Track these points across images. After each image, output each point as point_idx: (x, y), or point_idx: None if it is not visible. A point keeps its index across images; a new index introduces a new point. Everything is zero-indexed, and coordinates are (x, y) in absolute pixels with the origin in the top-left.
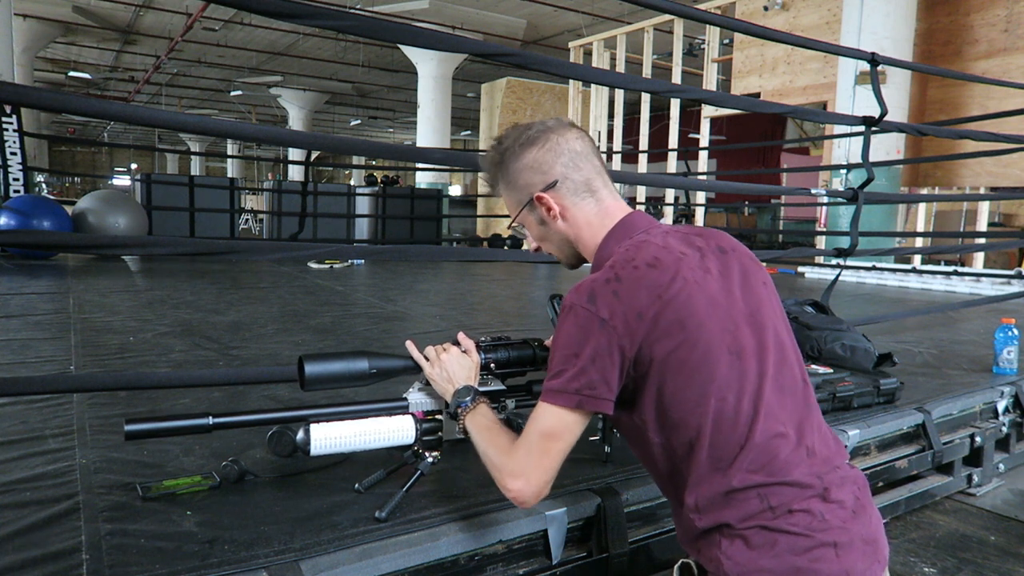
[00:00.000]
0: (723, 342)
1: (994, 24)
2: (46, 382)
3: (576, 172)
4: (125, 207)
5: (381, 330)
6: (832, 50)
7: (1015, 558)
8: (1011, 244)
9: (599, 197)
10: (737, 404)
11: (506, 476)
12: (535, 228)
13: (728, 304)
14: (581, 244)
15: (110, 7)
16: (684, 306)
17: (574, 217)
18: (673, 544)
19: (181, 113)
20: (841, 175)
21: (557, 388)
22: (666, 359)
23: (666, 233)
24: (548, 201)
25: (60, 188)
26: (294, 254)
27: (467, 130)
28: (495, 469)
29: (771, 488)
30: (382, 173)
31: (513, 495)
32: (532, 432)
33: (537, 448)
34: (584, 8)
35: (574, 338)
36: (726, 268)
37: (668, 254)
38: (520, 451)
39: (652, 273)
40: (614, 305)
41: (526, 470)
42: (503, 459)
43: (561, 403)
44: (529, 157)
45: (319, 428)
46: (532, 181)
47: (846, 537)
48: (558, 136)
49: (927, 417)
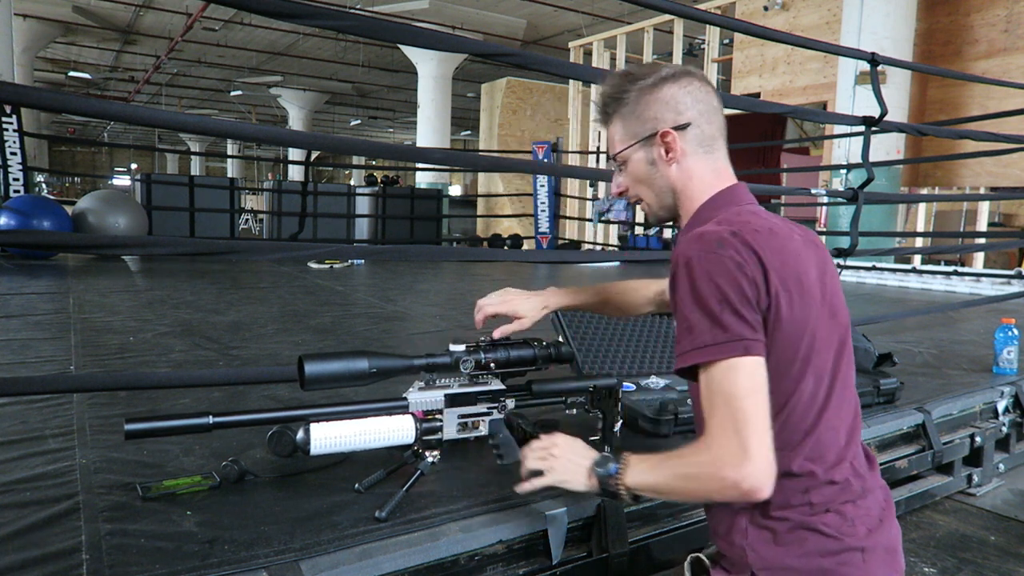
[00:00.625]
0: (822, 327)
1: (994, 24)
2: (46, 382)
3: (708, 124)
4: (125, 207)
5: (381, 330)
6: (832, 50)
7: (1015, 558)
8: (1011, 244)
9: (717, 157)
10: (816, 388)
11: (728, 470)
12: (640, 167)
13: (825, 291)
14: (684, 197)
15: (110, 7)
16: (803, 275)
17: (689, 167)
18: (673, 544)
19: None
20: (841, 175)
21: (715, 341)
22: (783, 323)
23: (768, 213)
24: (672, 140)
25: (60, 188)
26: (294, 254)
27: (467, 130)
28: (707, 476)
29: (818, 482)
30: (382, 173)
31: (751, 485)
32: (718, 404)
33: (736, 417)
34: (584, 8)
35: (711, 284)
36: (822, 261)
37: (780, 228)
38: (720, 435)
39: (772, 239)
40: (744, 252)
41: (746, 446)
42: (707, 456)
43: (726, 354)
44: (667, 92)
45: (319, 428)
46: (663, 116)
47: (871, 544)
48: (700, 83)
49: (927, 417)
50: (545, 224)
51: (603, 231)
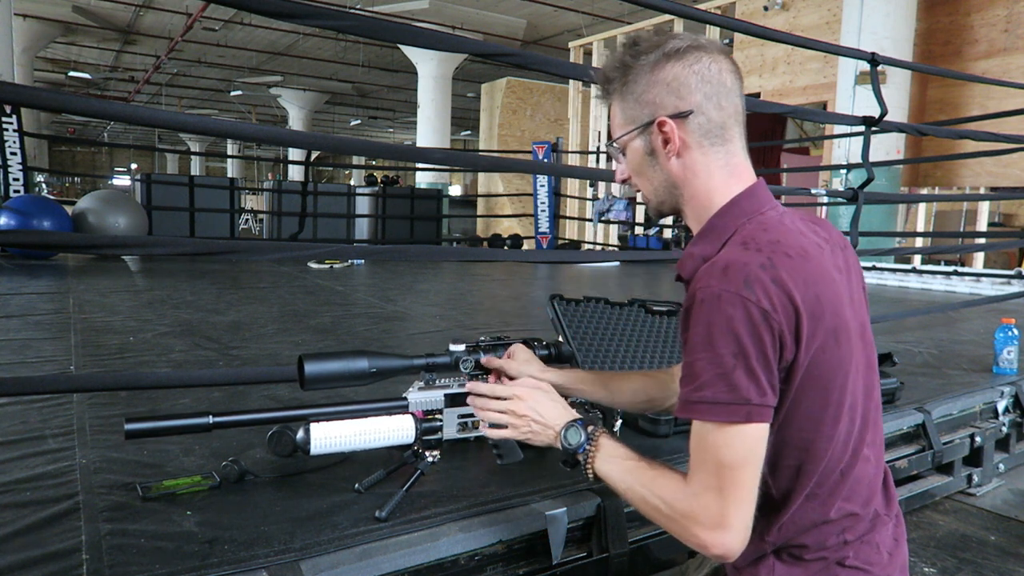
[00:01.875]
0: (854, 355)
1: (994, 24)
2: (46, 382)
3: (716, 110)
4: (125, 207)
5: (381, 330)
6: (832, 50)
7: (1015, 558)
8: (1011, 244)
9: (730, 150)
10: (851, 426)
11: (701, 531)
12: (638, 156)
13: (854, 312)
14: (688, 194)
15: (110, 7)
16: (839, 312)
17: (693, 161)
18: (673, 544)
19: (181, 113)
20: (841, 175)
21: (718, 399)
22: (813, 370)
23: (792, 216)
24: (671, 131)
25: (60, 188)
26: (294, 254)
27: (467, 130)
28: (675, 521)
29: (854, 521)
30: (382, 173)
31: (719, 552)
32: (709, 463)
33: (723, 483)
34: (584, 8)
35: (731, 333)
36: (848, 269)
37: (810, 244)
38: (703, 493)
39: (806, 266)
40: (775, 295)
41: (725, 514)
42: (685, 507)
43: (727, 418)
44: (668, 72)
45: (319, 427)
46: (663, 102)
47: (892, 568)
48: (711, 59)
49: (927, 417)
50: (545, 224)
51: (603, 231)
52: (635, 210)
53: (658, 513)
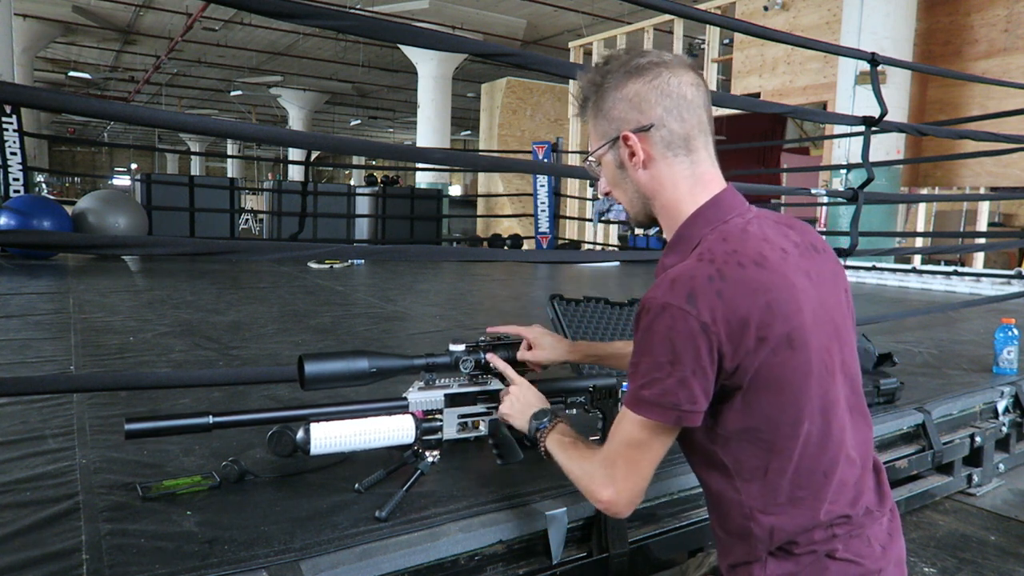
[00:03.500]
0: (820, 358)
1: (994, 24)
2: (46, 382)
3: (677, 122)
4: (125, 207)
5: (381, 330)
6: (832, 50)
7: (1015, 558)
8: (1011, 244)
9: (696, 159)
10: (826, 428)
11: (595, 487)
12: (611, 170)
13: (823, 316)
14: (658, 204)
15: (110, 7)
16: (792, 317)
17: (659, 172)
18: (673, 544)
19: (181, 113)
20: (841, 175)
21: (651, 400)
22: (765, 374)
23: (760, 220)
24: (635, 144)
25: (60, 188)
26: (294, 254)
27: (467, 130)
28: (581, 481)
29: (845, 519)
30: (382, 173)
31: (604, 506)
32: (618, 442)
33: (624, 458)
34: (584, 8)
35: (669, 342)
36: (820, 272)
37: (772, 250)
38: (606, 462)
39: (760, 274)
40: (717, 308)
41: (615, 480)
42: (589, 469)
43: (655, 416)
44: (630, 89)
45: (319, 427)
46: (626, 117)
47: (886, 562)
48: (670, 74)
49: (927, 417)
50: (545, 224)
51: (603, 231)
52: None
53: (574, 478)
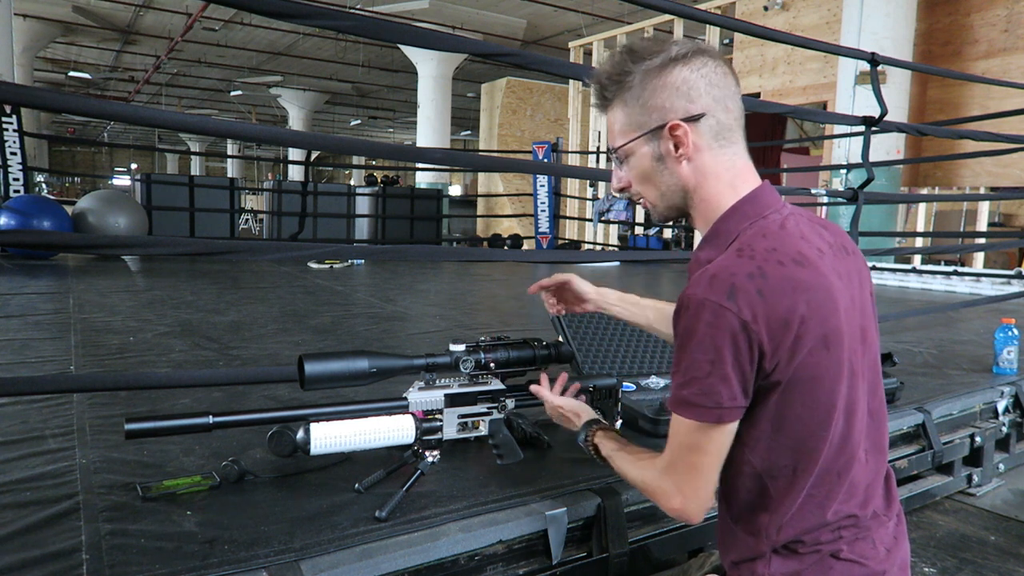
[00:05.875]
0: (849, 360)
1: (994, 24)
2: (46, 382)
3: (724, 112)
4: (125, 207)
5: (381, 330)
6: (832, 50)
7: (1015, 558)
8: (1011, 244)
9: (736, 151)
10: (848, 429)
11: (660, 496)
12: (644, 162)
13: (853, 317)
14: (697, 198)
15: (110, 7)
16: (830, 318)
17: (703, 163)
18: (673, 544)
19: (181, 113)
20: (841, 175)
21: (691, 400)
22: (801, 374)
23: (797, 218)
24: (683, 135)
25: (60, 188)
26: (294, 254)
27: (467, 130)
28: (647, 490)
29: (853, 520)
30: (382, 173)
31: (676, 514)
32: (676, 447)
33: (684, 463)
34: (584, 8)
35: (710, 339)
36: (850, 274)
37: (809, 249)
38: (668, 469)
39: (800, 273)
40: (758, 306)
41: (681, 488)
42: (652, 478)
43: (697, 417)
44: (677, 76)
45: (319, 427)
46: (672, 105)
47: (889, 565)
48: (715, 64)
49: (927, 417)
50: (545, 224)
51: (603, 231)
52: (635, 210)
53: (637, 484)
